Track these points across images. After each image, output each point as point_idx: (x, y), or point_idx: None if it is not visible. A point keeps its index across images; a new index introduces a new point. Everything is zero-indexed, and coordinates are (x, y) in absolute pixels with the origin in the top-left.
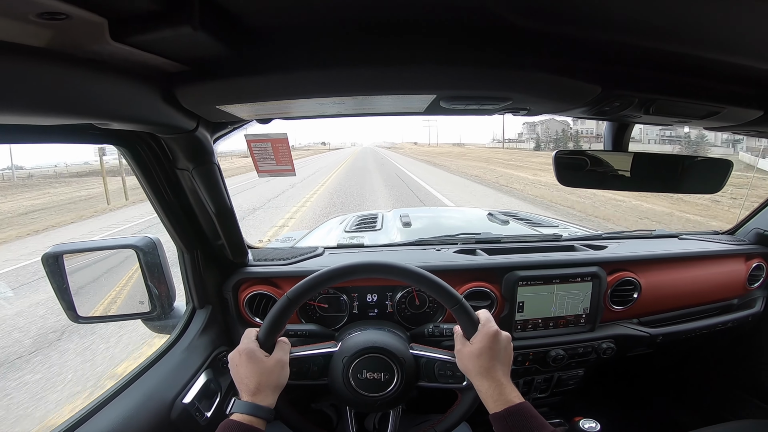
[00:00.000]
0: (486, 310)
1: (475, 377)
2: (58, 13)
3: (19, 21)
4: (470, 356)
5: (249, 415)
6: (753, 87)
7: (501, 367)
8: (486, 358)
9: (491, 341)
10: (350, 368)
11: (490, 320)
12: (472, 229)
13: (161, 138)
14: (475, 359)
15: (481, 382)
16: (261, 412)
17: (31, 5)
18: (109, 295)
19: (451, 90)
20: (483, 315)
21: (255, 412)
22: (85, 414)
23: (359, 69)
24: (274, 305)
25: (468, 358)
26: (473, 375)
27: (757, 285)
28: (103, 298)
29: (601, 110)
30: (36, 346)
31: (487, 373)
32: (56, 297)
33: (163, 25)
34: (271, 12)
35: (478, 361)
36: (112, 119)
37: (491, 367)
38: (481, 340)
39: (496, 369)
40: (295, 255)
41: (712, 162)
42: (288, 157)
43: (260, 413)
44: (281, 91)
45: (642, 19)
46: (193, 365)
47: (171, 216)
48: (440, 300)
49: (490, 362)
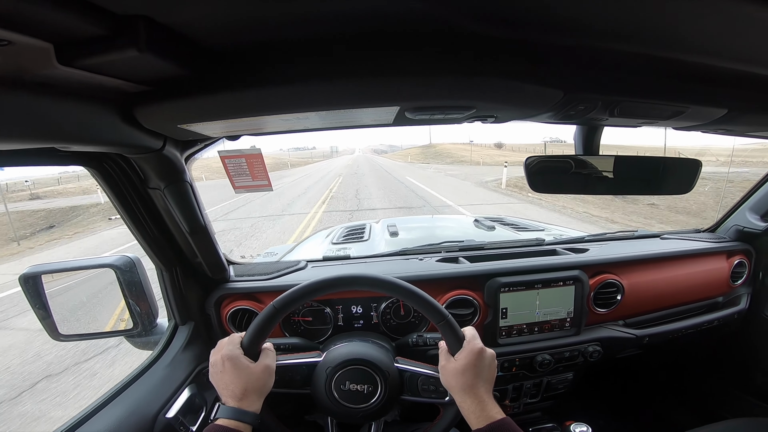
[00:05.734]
0: (472, 327)
1: (458, 393)
2: (0, 39)
3: None
4: (454, 373)
5: (235, 420)
6: (716, 85)
7: (484, 384)
8: (470, 375)
9: (476, 358)
10: (333, 379)
11: (476, 337)
12: (458, 237)
13: (130, 158)
14: (459, 376)
15: (464, 398)
16: (247, 417)
17: None
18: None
19: (413, 101)
20: (469, 332)
21: (241, 417)
22: (65, 430)
23: (319, 84)
24: (259, 314)
25: (452, 375)
26: (456, 391)
27: (741, 282)
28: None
29: (566, 114)
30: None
31: (470, 389)
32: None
33: (108, 49)
34: (223, 33)
35: (462, 378)
36: (71, 142)
37: (474, 384)
38: (465, 357)
39: (478, 386)
40: (277, 270)
41: (682, 162)
42: (263, 172)
43: (246, 418)
44: (244, 109)
45: (601, 22)
46: (177, 380)
47: (146, 235)
48: (425, 314)
49: (474, 379)
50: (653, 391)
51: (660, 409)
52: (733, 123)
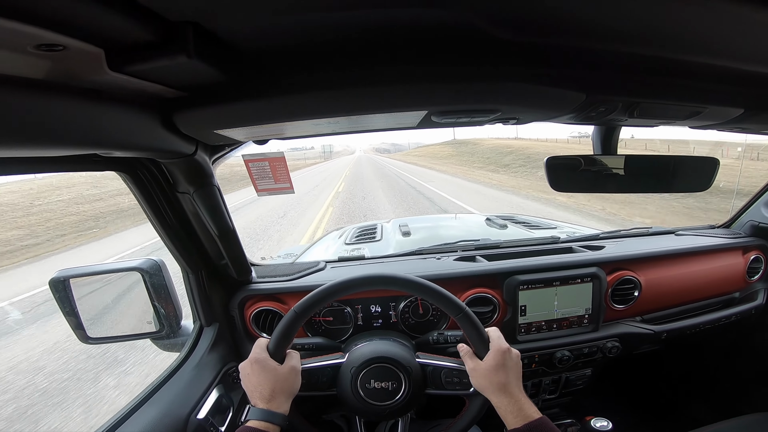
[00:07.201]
0: (496, 328)
1: (493, 394)
2: (55, 44)
3: (17, 53)
4: (485, 374)
5: (264, 422)
6: (733, 86)
7: (516, 382)
8: (502, 375)
9: (504, 358)
10: (358, 378)
11: (501, 337)
12: (471, 236)
13: (161, 163)
14: (492, 376)
15: (499, 398)
16: (276, 419)
17: (29, 37)
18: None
19: (441, 106)
20: (493, 333)
21: (270, 419)
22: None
23: (351, 89)
24: (282, 319)
25: (483, 376)
26: (490, 392)
27: (757, 277)
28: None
29: (587, 116)
30: None
31: (504, 389)
32: (65, 319)
33: (158, 55)
34: (263, 37)
35: (495, 378)
36: (114, 148)
37: (507, 383)
38: (494, 358)
39: (511, 385)
40: (297, 271)
41: (700, 160)
42: (286, 175)
43: (275, 419)
44: (276, 114)
45: (622, 26)
46: (205, 381)
47: (174, 238)
48: (444, 309)
49: (506, 378)
50: (671, 386)
51: (678, 404)
52: (749, 122)
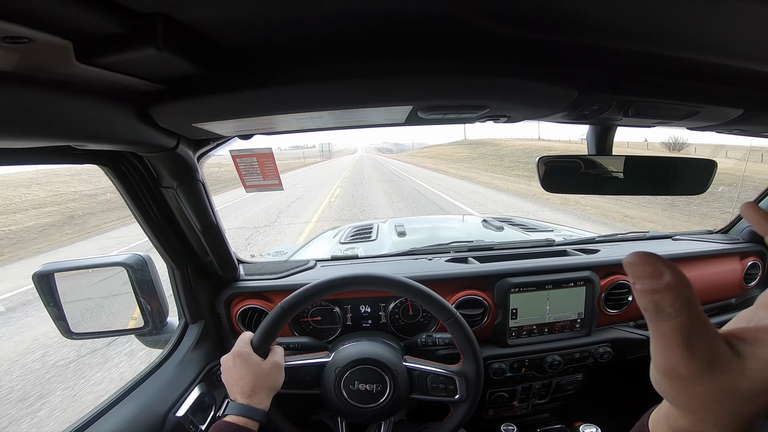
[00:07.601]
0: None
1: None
2: (20, 36)
3: None
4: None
5: (243, 417)
6: (731, 85)
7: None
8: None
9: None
10: (342, 379)
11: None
12: (466, 237)
13: (144, 156)
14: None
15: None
16: (255, 414)
17: None
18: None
19: (426, 101)
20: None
21: (249, 414)
22: (76, 429)
23: (334, 84)
24: (268, 314)
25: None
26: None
27: (754, 284)
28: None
29: (580, 114)
30: None
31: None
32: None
33: (127, 47)
34: (239, 30)
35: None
36: (87, 140)
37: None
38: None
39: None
40: (286, 269)
41: (697, 163)
42: (274, 171)
43: (254, 415)
44: (258, 108)
45: (616, 21)
46: (187, 379)
47: (159, 234)
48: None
49: None
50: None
51: None
52: (749, 123)
